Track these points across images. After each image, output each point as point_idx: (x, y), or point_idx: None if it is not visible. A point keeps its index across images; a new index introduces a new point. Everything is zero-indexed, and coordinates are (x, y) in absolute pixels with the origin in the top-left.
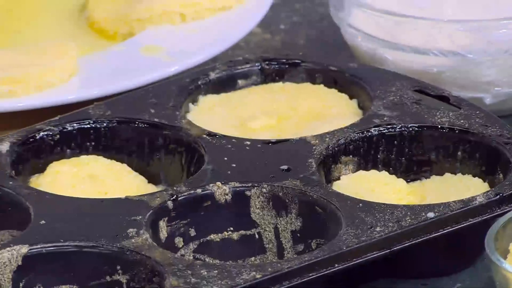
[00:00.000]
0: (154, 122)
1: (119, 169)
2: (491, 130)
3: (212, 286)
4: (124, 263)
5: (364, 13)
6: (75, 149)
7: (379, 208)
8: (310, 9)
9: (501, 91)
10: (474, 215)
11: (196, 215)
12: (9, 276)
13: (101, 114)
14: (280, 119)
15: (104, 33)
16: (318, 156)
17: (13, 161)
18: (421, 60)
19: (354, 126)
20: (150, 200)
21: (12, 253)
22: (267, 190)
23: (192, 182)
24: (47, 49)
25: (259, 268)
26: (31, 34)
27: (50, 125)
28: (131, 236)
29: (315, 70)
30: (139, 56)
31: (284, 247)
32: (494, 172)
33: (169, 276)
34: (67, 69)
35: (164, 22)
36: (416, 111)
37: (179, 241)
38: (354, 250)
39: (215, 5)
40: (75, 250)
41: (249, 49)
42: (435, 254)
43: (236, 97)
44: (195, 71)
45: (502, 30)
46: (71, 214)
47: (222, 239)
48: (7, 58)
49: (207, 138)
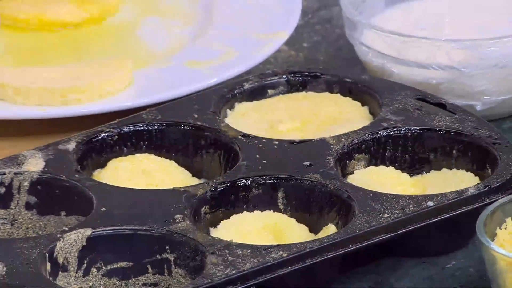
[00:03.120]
0: (197, 125)
1: (168, 165)
2: (481, 132)
3: (246, 263)
4: (171, 244)
5: (374, 34)
6: (131, 148)
7: (386, 198)
8: (329, 30)
9: (490, 99)
10: (467, 204)
11: (232, 203)
12: (75, 254)
13: (153, 118)
14: (303, 122)
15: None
16: (335, 154)
17: (78, 158)
18: (422, 73)
19: (366, 128)
20: (193, 191)
21: (78, 235)
22: (292, 183)
23: (229, 176)
24: (107, 64)
25: (285, 248)
26: (94, 51)
27: (110, 127)
28: (177, 221)
29: (333, 82)
30: (184, 69)
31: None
32: (483, 168)
33: (209, 255)
34: (124, 80)
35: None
36: (418, 116)
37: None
38: (366, 233)
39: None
40: (130, 233)
41: (277, 63)
42: (434, 237)
43: (266, 104)
44: (232, 82)
45: (491, 48)
46: (127, 202)
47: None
48: (74, 71)
49: (242, 139)
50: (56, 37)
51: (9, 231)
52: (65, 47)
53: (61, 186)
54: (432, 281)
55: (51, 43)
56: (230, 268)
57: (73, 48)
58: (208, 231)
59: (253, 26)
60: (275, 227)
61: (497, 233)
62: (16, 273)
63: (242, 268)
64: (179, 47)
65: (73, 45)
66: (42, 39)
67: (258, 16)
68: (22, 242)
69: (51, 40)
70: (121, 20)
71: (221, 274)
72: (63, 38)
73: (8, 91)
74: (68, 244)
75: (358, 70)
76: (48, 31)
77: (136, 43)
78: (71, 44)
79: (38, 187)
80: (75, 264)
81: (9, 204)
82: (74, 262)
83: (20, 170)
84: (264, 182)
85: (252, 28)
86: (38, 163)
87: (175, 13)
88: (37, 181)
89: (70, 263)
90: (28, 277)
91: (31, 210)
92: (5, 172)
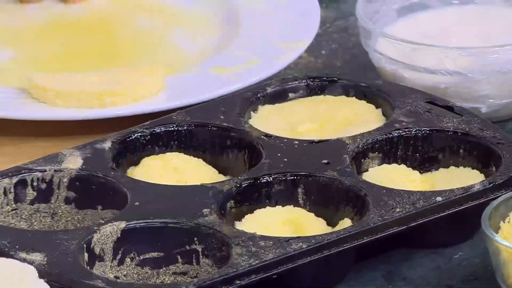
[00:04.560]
0: (223, 126)
1: (196, 163)
2: (486, 133)
3: (268, 254)
4: (200, 236)
5: (387, 42)
6: (162, 147)
7: (398, 193)
8: (345, 38)
9: (494, 102)
10: (473, 199)
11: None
12: (111, 245)
13: (182, 119)
14: (321, 124)
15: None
16: (351, 153)
17: (114, 156)
18: (431, 78)
19: (379, 129)
20: (220, 187)
21: (113, 228)
22: (311, 179)
23: (252, 173)
24: (141, 70)
25: (305, 240)
26: (128, 57)
27: (143, 128)
28: (205, 214)
29: (349, 86)
30: (212, 75)
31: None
32: (488, 166)
33: (234, 246)
34: (156, 85)
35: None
36: (428, 118)
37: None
38: (379, 226)
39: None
40: (162, 225)
41: (297, 69)
42: (442, 229)
43: (287, 107)
44: (256, 87)
45: (494, 55)
46: (159, 197)
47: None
48: (111, 76)
49: (265, 139)
50: (93, 44)
51: (50, 224)
52: (102, 54)
53: (97, 182)
54: (440, 271)
55: (89, 50)
56: (253, 258)
57: (109, 55)
58: (233, 224)
59: (275, 36)
60: (295, 221)
61: (501, 226)
62: (56, 262)
63: (264, 258)
64: (206, 54)
65: (109, 53)
66: (81, 46)
67: (280, 26)
68: (61, 234)
69: (89, 47)
70: (153, 29)
71: (245, 264)
72: (100, 45)
73: (50, 95)
74: (104, 236)
75: (372, 75)
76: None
77: (168, 51)
78: (107, 52)
79: (77, 183)
80: (111, 254)
81: (49, 199)
82: (110, 252)
83: (60, 167)
84: (285, 179)
85: (275, 38)
86: (76, 161)
87: (203, 24)
88: (76, 178)
89: (106, 253)
90: (67, 266)
91: (70, 204)
92: (46, 169)
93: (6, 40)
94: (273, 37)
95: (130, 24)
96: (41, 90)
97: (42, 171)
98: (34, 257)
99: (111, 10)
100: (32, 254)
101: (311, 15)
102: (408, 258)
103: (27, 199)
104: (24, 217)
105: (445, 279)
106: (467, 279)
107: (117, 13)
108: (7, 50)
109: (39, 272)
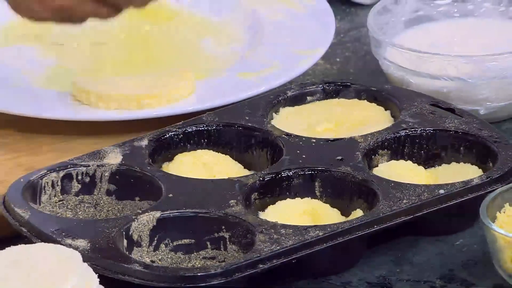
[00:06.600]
0: (248, 126)
1: (224, 159)
2: (484, 133)
3: (288, 240)
4: (227, 224)
5: (396, 50)
6: (193, 145)
7: (405, 187)
8: (358, 47)
9: (491, 105)
10: (472, 192)
11: (277, 191)
12: (147, 233)
13: (212, 120)
14: (336, 124)
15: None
16: (363, 150)
17: (150, 152)
18: (435, 83)
19: (388, 129)
20: (245, 180)
21: (149, 217)
22: (327, 174)
23: (274, 168)
24: (174, 75)
25: (321, 228)
26: (163, 64)
27: (176, 127)
28: (232, 205)
29: (361, 90)
30: (237, 80)
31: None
32: (486, 162)
33: (258, 234)
34: (188, 88)
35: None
36: (432, 119)
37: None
38: (388, 216)
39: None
40: (193, 215)
41: (314, 75)
42: (445, 219)
43: (306, 109)
44: (277, 90)
45: (492, 63)
46: (190, 190)
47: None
48: (147, 80)
49: (285, 137)
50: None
51: (93, 213)
52: (140, 61)
53: (135, 176)
54: (443, 256)
55: (128, 58)
56: (275, 244)
57: (146, 62)
58: (257, 214)
59: (294, 44)
60: (313, 211)
61: (497, 216)
62: (98, 248)
63: (285, 244)
64: (233, 61)
65: (146, 59)
66: (121, 54)
67: (299, 36)
68: (103, 222)
69: (128, 55)
70: (185, 39)
71: (268, 249)
72: (138, 53)
73: (92, 98)
74: (141, 224)
75: (382, 80)
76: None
77: (198, 58)
78: (144, 59)
79: (117, 177)
80: (147, 241)
81: (92, 191)
82: (146, 239)
83: (102, 162)
84: (304, 174)
85: (294, 46)
86: (116, 157)
87: (230, 34)
88: (116, 172)
89: (143, 240)
90: (108, 251)
91: (110, 196)
92: (89, 164)
93: (53, 49)
94: (293, 45)
95: (165, 34)
96: (85, 93)
97: (86, 166)
98: (79, 243)
99: (147, 23)
100: (77, 241)
101: (327, 26)
102: (414, 245)
103: (73, 191)
104: (70, 207)
105: (447, 264)
106: (467, 263)
107: (152, 25)
108: (54, 58)
109: (83, 257)
